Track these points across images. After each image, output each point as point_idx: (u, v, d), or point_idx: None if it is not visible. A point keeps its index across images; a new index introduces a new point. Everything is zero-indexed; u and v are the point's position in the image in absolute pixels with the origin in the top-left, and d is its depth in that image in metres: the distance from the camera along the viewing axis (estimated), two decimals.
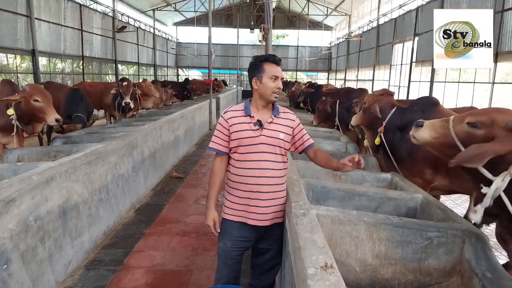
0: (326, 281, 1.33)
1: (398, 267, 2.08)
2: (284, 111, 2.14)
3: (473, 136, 1.77)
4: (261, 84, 2.02)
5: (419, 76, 17.46)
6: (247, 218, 2.05)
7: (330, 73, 35.68)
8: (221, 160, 2.11)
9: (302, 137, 2.15)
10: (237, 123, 2.03)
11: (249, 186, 2.01)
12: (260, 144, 2.00)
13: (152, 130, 5.59)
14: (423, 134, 1.98)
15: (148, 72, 26.21)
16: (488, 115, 1.77)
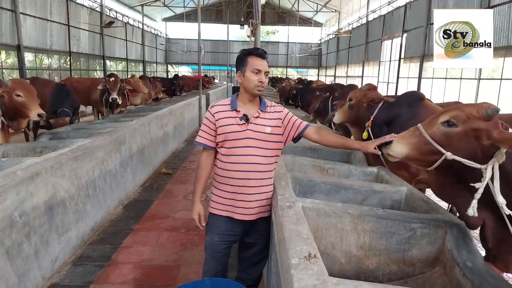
0: (309, 270, 1.35)
1: (382, 258, 2.12)
2: (272, 105, 2.12)
3: (451, 135, 1.72)
4: (244, 78, 2.01)
5: (407, 72, 17.66)
6: (233, 213, 2.06)
7: (320, 70, 35.82)
8: (207, 154, 2.12)
9: (294, 123, 2.10)
10: (223, 117, 2.02)
11: (236, 181, 2.01)
12: (247, 138, 1.99)
13: (140, 126, 5.56)
14: (399, 149, 1.85)
15: (137, 68, 25.96)
16: (460, 110, 1.73)
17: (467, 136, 1.69)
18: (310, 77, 32.66)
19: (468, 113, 1.69)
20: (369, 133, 3.65)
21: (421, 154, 1.79)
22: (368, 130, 3.65)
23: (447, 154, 1.69)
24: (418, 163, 1.86)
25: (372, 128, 3.62)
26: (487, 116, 1.63)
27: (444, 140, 1.73)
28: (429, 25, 15.29)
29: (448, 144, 1.72)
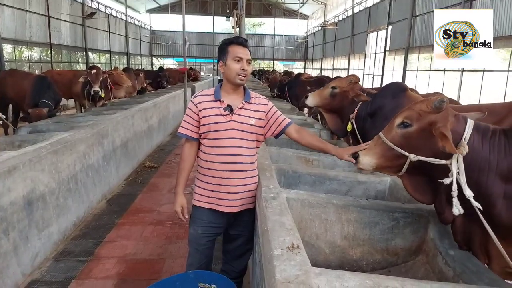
0: (292, 261, 1.34)
1: (366, 248, 2.13)
2: (256, 96, 2.09)
3: (409, 135, 1.71)
4: (226, 67, 1.97)
5: (392, 65, 17.82)
6: (217, 205, 2.03)
7: (306, 62, 35.86)
8: (190, 146, 2.08)
9: (277, 119, 2.07)
10: (206, 108, 1.98)
11: (220, 173, 1.98)
12: (231, 130, 1.96)
13: (123, 118, 5.45)
14: (367, 161, 1.81)
15: (120, 60, 25.49)
16: (411, 109, 1.73)
17: (424, 133, 1.68)
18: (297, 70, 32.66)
19: (419, 110, 1.68)
20: (353, 125, 3.65)
21: (389, 161, 1.77)
22: (352, 122, 3.66)
23: (410, 156, 1.68)
24: (389, 170, 1.83)
25: (355, 120, 3.62)
26: (435, 108, 1.63)
27: (404, 142, 1.71)
28: (413, 17, 15.43)
29: (409, 146, 1.71)
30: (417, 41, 15.35)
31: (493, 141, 1.63)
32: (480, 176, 1.60)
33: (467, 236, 1.73)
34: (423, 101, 1.74)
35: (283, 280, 1.21)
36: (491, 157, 1.60)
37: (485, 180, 1.59)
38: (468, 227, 1.71)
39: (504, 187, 1.58)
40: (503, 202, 1.57)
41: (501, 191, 1.58)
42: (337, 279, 1.26)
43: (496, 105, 3.14)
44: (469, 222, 1.70)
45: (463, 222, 1.70)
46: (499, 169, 1.59)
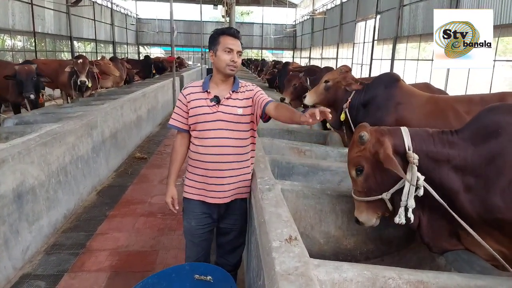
0: (291, 253, 1.35)
1: (360, 237, 2.16)
2: (245, 85, 2.06)
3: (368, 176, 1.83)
4: (216, 57, 1.95)
5: (380, 54, 17.89)
6: (206, 197, 2.02)
7: (295, 51, 35.72)
8: (181, 137, 2.07)
9: (259, 101, 1.99)
10: (194, 99, 1.97)
11: (207, 164, 1.96)
12: (218, 121, 1.94)
13: (112, 109, 5.37)
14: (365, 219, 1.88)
15: (106, 49, 24.96)
16: (352, 157, 1.87)
17: (374, 165, 1.75)
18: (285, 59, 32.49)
19: (356, 153, 1.81)
20: (346, 115, 3.67)
21: (379, 207, 1.83)
22: (346, 112, 3.66)
23: (383, 196, 1.75)
24: (385, 213, 1.87)
25: (349, 109, 3.64)
26: (363, 143, 1.76)
27: (371, 185, 1.79)
28: (401, 6, 15.44)
29: (374, 187, 1.78)
30: (405, 31, 15.40)
31: (440, 141, 1.70)
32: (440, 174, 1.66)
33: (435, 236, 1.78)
34: (352, 145, 1.87)
35: (282, 272, 1.22)
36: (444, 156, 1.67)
37: (445, 177, 1.65)
38: (435, 227, 1.76)
39: (462, 181, 1.64)
40: (464, 196, 1.63)
41: (460, 184, 1.64)
42: (335, 270, 1.28)
43: (486, 95, 3.19)
44: (435, 221, 1.75)
45: (428, 223, 1.76)
46: (455, 165, 1.65)
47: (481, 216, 1.64)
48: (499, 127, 1.65)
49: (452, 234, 1.77)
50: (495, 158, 1.61)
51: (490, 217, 1.63)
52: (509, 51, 10.91)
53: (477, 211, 1.64)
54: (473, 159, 1.65)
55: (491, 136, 1.64)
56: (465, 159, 1.66)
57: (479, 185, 1.64)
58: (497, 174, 1.61)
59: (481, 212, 1.63)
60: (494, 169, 1.62)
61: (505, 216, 1.59)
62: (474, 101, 3.09)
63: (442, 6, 12.65)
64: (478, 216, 1.64)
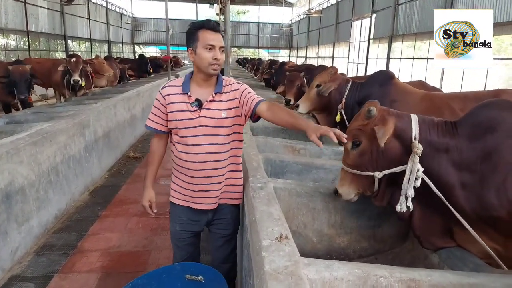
0: (281, 251, 1.32)
1: (353, 236, 2.13)
2: (229, 83, 1.86)
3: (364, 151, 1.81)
4: (196, 56, 1.74)
5: (376, 53, 17.92)
6: (192, 203, 1.91)
7: (291, 51, 35.72)
8: (159, 139, 1.94)
9: (248, 100, 1.80)
10: (174, 102, 1.78)
11: (192, 172, 1.82)
12: (200, 126, 1.77)
13: (105, 108, 5.31)
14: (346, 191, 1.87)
15: (101, 48, 24.82)
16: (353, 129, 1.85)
17: (373, 142, 1.73)
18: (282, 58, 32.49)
19: (358, 126, 1.79)
20: (342, 115, 3.62)
21: (364, 185, 1.83)
22: (341, 112, 3.62)
23: (375, 174, 1.74)
24: (367, 191, 1.86)
25: (344, 110, 3.60)
26: (369, 118, 1.74)
27: (364, 161, 1.77)
28: (397, 5, 15.46)
29: (369, 163, 1.77)
30: (400, 29, 15.43)
31: (443, 132, 1.67)
32: (439, 167, 1.64)
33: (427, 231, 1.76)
34: (356, 117, 1.83)
35: (272, 271, 1.19)
36: (444, 148, 1.65)
37: (443, 170, 1.64)
38: (427, 221, 1.74)
39: (459, 176, 1.62)
40: (460, 192, 1.61)
41: (457, 179, 1.62)
42: (326, 269, 1.25)
43: (481, 93, 3.18)
44: (428, 215, 1.73)
45: (420, 216, 1.74)
46: (452, 158, 1.63)
47: (476, 213, 1.61)
48: (495, 123, 1.62)
49: (444, 231, 1.74)
50: (490, 154, 1.59)
51: (485, 214, 1.60)
52: (504, 49, 10.93)
53: (472, 207, 1.62)
54: (468, 154, 1.63)
55: (487, 131, 1.62)
56: (461, 154, 1.63)
57: (475, 181, 1.62)
58: (492, 170, 1.58)
59: (476, 209, 1.61)
60: (489, 166, 1.59)
61: (499, 214, 1.57)
62: (469, 98, 3.07)
63: (437, 4, 12.68)
64: (473, 212, 1.62)
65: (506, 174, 1.56)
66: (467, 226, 1.56)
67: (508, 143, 1.58)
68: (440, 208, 1.67)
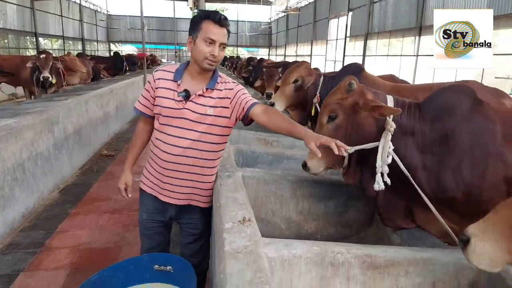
0: (242, 233, 1.32)
1: (320, 222, 2.17)
2: (224, 81, 1.79)
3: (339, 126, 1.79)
4: (194, 46, 1.66)
5: (353, 51, 18.22)
6: (159, 193, 1.87)
7: (270, 49, 35.86)
8: (145, 122, 1.91)
9: (241, 102, 1.73)
10: (163, 87, 1.74)
11: (163, 163, 1.77)
12: (182, 118, 1.71)
13: (76, 105, 5.18)
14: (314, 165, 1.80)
15: (75, 46, 24.19)
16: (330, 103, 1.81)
17: (349, 117, 1.73)
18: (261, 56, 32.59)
19: (337, 100, 1.76)
20: (317, 109, 3.65)
21: (333, 159, 1.78)
22: (316, 106, 3.64)
23: None
24: (336, 166, 1.86)
25: (319, 103, 3.62)
26: (349, 92, 1.73)
27: (336, 136, 1.72)
28: (372, 3, 15.77)
29: (340, 139, 1.70)
30: (375, 27, 15.74)
31: (410, 114, 1.71)
32: (405, 148, 1.67)
33: (390, 210, 1.80)
34: (335, 90, 1.80)
35: (231, 250, 1.19)
36: (411, 130, 1.69)
37: (409, 152, 1.67)
38: (391, 201, 1.78)
39: (421, 158, 1.66)
40: (422, 173, 1.65)
41: (419, 161, 1.66)
42: (285, 247, 1.27)
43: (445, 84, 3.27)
44: (392, 195, 1.77)
45: (385, 195, 1.78)
46: (417, 141, 1.67)
47: (435, 194, 1.66)
48: (453, 107, 1.67)
49: (406, 212, 1.79)
50: (448, 137, 1.64)
51: (442, 196, 1.66)
52: None
53: (431, 188, 1.66)
54: (430, 137, 1.66)
55: (445, 115, 1.66)
56: (424, 137, 1.67)
57: (434, 164, 1.66)
58: (449, 153, 1.64)
59: (435, 190, 1.66)
60: (446, 148, 1.64)
61: (455, 195, 1.63)
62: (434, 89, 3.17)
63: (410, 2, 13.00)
64: (433, 193, 1.66)
65: (461, 157, 1.61)
66: (430, 205, 1.58)
67: (463, 127, 1.64)
68: (403, 189, 1.71)
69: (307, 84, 3.57)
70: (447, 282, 1.30)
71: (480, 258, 0.98)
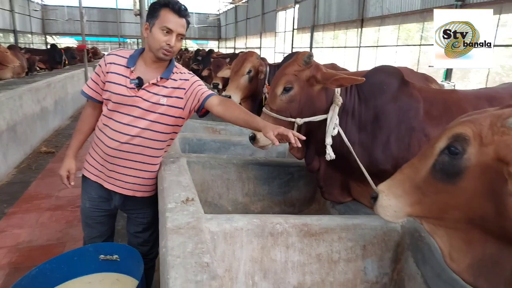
0: (185, 211, 1.35)
1: (266, 202, 2.25)
2: (180, 72, 1.77)
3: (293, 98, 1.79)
4: (150, 34, 1.63)
5: (300, 43, 18.66)
6: (104, 181, 1.82)
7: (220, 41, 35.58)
8: (93, 107, 1.83)
9: (197, 93, 1.72)
10: (114, 72, 1.69)
11: (109, 150, 1.72)
12: (133, 106, 1.67)
13: (8, 99, 4.81)
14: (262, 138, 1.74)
15: (6, 39, 22.23)
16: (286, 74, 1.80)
17: (304, 90, 1.78)
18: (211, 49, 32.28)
19: (293, 71, 1.77)
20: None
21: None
22: (266, 96, 3.67)
23: (297, 120, 1.76)
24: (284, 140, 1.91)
25: None
26: (307, 64, 1.75)
27: (290, 107, 1.77)
28: None
29: (294, 110, 1.78)
30: (321, 20, 16.24)
31: (351, 94, 1.84)
32: (345, 125, 1.79)
33: (330, 184, 1.92)
34: (292, 62, 1.80)
35: (173, 227, 1.22)
36: (351, 108, 1.81)
37: (348, 129, 1.79)
38: (330, 175, 1.91)
39: (358, 135, 1.79)
40: (358, 149, 1.78)
41: (357, 139, 1.79)
42: (227, 221, 1.32)
43: None
44: (331, 170, 1.90)
45: (325, 170, 1.90)
46: (355, 119, 1.80)
47: (368, 168, 1.80)
48: (383, 87, 1.81)
49: (343, 186, 1.92)
50: (378, 115, 1.78)
51: (375, 169, 1.80)
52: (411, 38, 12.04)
53: (365, 162, 1.79)
54: (365, 116, 1.79)
55: (377, 95, 1.80)
56: (360, 116, 1.79)
57: (368, 140, 1.80)
58: (380, 130, 1.78)
59: (368, 164, 1.79)
60: (377, 126, 1.78)
61: (386, 168, 1.78)
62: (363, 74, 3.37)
63: None
64: (366, 167, 1.80)
65: (390, 132, 1.77)
66: (367, 176, 1.69)
67: (392, 105, 1.79)
68: (341, 164, 1.82)
69: (263, 74, 3.60)
70: (376, 245, 1.43)
71: (386, 210, 1.14)
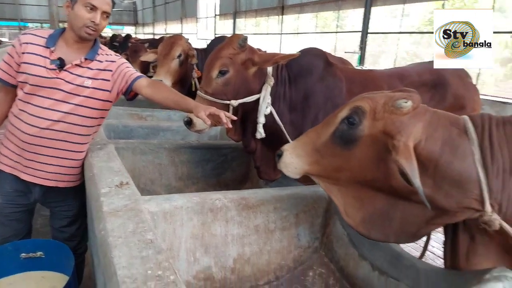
0: (121, 195, 1.32)
1: (200, 185, 2.28)
2: (106, 53, 1.69)
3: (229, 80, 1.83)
4: (72, 11, 1.53)
5: (223, 29, 18.57)
6: (20, 172, 1.68)
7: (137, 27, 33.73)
8: (5, 93, 1.66)
9: (124, 75, 1.66)
10: (31, 52, 1.57)
11: (27, 137, 1.60)
12: (53, 89, 1.57)
13: None
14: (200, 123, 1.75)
15: None
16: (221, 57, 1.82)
17: (239, 72, 1.83)
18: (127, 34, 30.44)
19: (228, 55, 1.81)
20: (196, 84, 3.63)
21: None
22: (195, 81, 3.62)
23: (232, 102, 1.79)
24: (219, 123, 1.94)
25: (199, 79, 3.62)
26: (242, 47, 1.81)
27: (226, 90, 1.80)
28: None
29: (229, 92, 1.81)
30: (243, 6, 16.33)
31: (281, 74, 1.94)
32: (278, 107, 1.90)
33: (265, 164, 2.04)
34: (227, 45, 1.84)
35: (111, 210, 1.19)
36: (282, 89, 1.93)
37: (280, 109, 1.90)
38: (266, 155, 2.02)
39: (289, 115, 1.92)
40: (289, 128, 1.91)
41: (288, 118, 1.92)
42: (166, 201, 1.33)
43: None
44: (266, 150, 2.02)
45: (261, 150, 2.01)
46: (286, 100, 1.92)
47: None
48: (311, 68, 1.94)
49: None
50: (307, 95, 1.91)
51: None
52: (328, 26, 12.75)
53: None
54: (295, 95, 1.91)
55: (305, 75, 1.92)
56: (291, 97, 1.91)
57: (298, 119, 1.93)
58: (309, 108, 1.91)
59: None
60: (306, 105, 1.92)
61: None
62: None
63: None
64: None
65: (318, 110, 1.91)
66: None
67: (319, 85, 1.93)
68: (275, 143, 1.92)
69: (194, 58, 3.53)
70: (308, 212, 1.57)
71: (288, 167, 1.30)
